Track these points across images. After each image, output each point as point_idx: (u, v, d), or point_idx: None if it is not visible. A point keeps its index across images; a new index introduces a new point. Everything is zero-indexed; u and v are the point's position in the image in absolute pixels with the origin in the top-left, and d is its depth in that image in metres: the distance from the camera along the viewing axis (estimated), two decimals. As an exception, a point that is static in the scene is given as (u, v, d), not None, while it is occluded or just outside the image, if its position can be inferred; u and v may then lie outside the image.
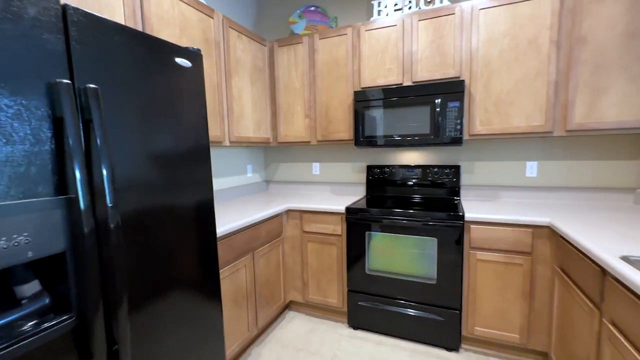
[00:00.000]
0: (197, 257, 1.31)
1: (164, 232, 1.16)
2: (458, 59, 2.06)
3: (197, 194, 1.29)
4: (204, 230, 1.34)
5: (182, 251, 1.24)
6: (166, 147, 1.15)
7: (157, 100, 1.11)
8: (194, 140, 1.26)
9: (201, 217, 1.32)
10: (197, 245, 1.31)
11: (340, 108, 2.43)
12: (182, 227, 1.23)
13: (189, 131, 1.24)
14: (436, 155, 2.51)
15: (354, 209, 2.15)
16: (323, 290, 2.34)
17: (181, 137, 1.21)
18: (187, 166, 1.24)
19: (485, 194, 2.37)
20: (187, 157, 1.24)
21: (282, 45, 2.58)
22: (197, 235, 1.31)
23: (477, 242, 1.86)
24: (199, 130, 1.29)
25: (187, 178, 1.24)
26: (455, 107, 2.02)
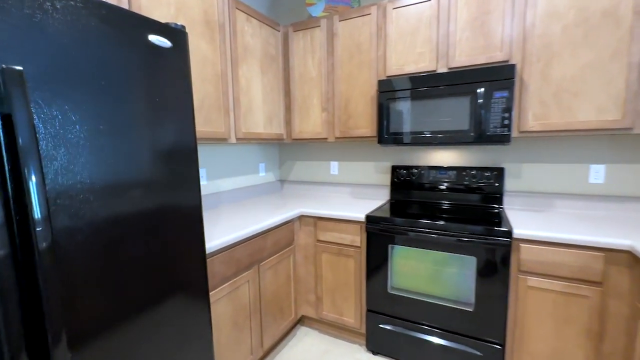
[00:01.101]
0: (176, 279, 1.07)
1: (133, 248, 0.93)
2: (508, 39, 1.68)
3: (179, 202, 1.05)
4: (188, 244, 1.10)
5: (157, 271, 1.01)
6: (136, 144, 0.91)
7: (121, 87, 0.87)
8: (172, 137, 1.02)
9: (184, 229, 1.08)
10: (178, 264, 1.07)
11: (362, 100, 2.12)
12: (157, 243, 1.00)
13: (166, 126, 0.99)
14: (474, 155, 2.14)
15: (376, 218, 1.85)
16: (338, 307, 2.07)
17: (155, 133, 0.96)
18: (165, 168, 1.00)
19: (535, 202, 1.98)
20: (165, 156, 1.00)
21: (297, 29, 2.29)
22: (179, 252, 1.07)
23: (528, 265, 1.51)
24: (181, 124, 1.04)
25: (166, 182, 1.00)
26: (503, 98, 1.65)
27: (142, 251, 0.94)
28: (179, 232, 1.06)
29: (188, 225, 1.09)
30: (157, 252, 0.99)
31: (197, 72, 1.65)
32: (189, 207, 1.08)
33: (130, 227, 0.91)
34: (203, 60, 1.68)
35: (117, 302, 0.88)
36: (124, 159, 0.88)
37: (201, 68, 1.67)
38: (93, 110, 0.81)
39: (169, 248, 1.03)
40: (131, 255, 0.92)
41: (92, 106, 0.81)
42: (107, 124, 0.84)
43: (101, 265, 0.84)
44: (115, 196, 0.87)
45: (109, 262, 0.86)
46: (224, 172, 2.31)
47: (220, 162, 2.27)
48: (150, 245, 0.97)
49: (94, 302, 0.83)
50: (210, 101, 1.74)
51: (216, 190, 2.23)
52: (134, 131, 0.90)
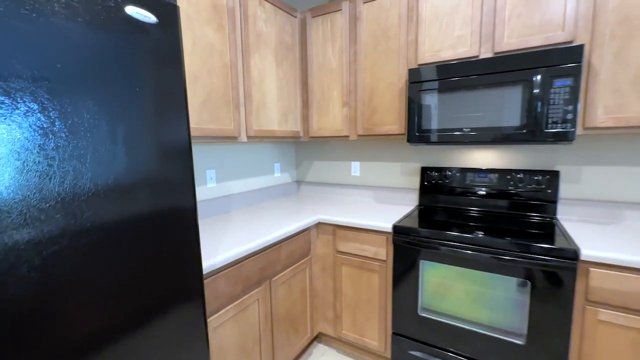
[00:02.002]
0: (161, 303, 0.88)
1: (111, 268, 0.74)
2: (572, 14, 1.37)
3: (164, 211, 0.85)
4: (178, 260, 0.91)
5: (142, 295, 0.81)
6: (106, 145, 0.72)
7: (88, 74, 0.68)
8: (157, 135, 0.82)
9: (172, 244, 0.88)
10: (167, 285, 0.88)
11: (389, 93, 1.87)
12: (135, 260, 0.80)
13: (148, 121, 0.79)
14: (520, 155, 1.83)
15: (405, 228, 1.60)
16: (360, 327, 1.84)
17: (133, 131, 0.76)
18: (147, 172, 0.80)
19: (598, 213, 1.66)
20: (147, 158, 0.80)
21: (316, 15, 2.06)
22: (165, 270, 0.87)
23: (599, 294, 1.21)
24: (170, 119, 0.84)
25: (147, 189, 0.80)
26: (566, 87, 1.35)
27: (115, 270, 0.75)
28: (165, 246, 0.86)
29: (177, 238, 0.89)
30: (137, 271, 0.80)
31: (203, 62, 1.46)
32: (178, 218, 0.88)
33: (100, 245, 0.72)
34: (210, 49, 1.49)
35: (80, 332, 0.70)
36: (91, 161, 0.69)
37: (207, 58, 1.48)
38: (54, 102, 0.62)
39: (151, 265, 0.84)
40: (100, 275, 0.73)
41: (53, 99, 0.62)
42: (64, 119, 0.65)
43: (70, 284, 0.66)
44: (78, 204, 0.68)
45: (74, 285, 0.68)
46: (236, 173, 2.12)
47: (232, 162, 2.08)
48: (126, 261, 0.77)
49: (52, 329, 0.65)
50: (217, 95, 1.54)
51: (227, 193, 2.05)
52: (103, 129, 0.70)
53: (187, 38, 1.38)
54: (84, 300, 0.69)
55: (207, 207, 1.88)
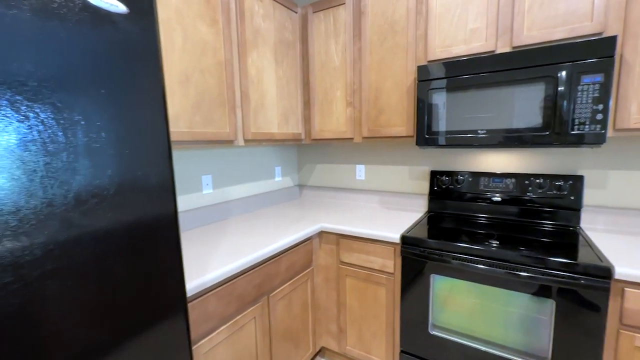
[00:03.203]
0: (140, 330, 0.77)
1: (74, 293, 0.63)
2: (601, 2, 1.23)
3: (139, 227, 0.74)
4: (157, 282, 0.79)
5: (112, 321, 0.70)
6: (69, 153, 0.61)
7: (44, 73, 0.57)
8: (128, 140, 0.70)
9: (149, 263, 0.77)
10: (141, 309, 0.77)
11: (396, 92, 1.74)
12: (108, 278, 0.69)
13: (116, 126, 0.68)
14: (540, 158, 1.69)
15: (414, 239, 1.47)
16: (366, 343, 1.71)
17: (99, 138, 0.65)
18: (113, 184, 0.69)
19: (628, 222, 1.51)
20: (114, 167, 0.68)
21: (317, 10, 1.94)
22: (141, 292, 0.76)
23: (636, 317, 1.07)
24: (143, 123, 0.73)
25: (117, 202, 0.69)
26: (596, 84, 1.21)
27: (76, 293, 0.64)
28: (139, 265, 0.75)
29: (153, 256, 0.77)
30: (103, 294, 0.69)
31: (195, 60, 1.35)
32: (153, 233, 0.76)
33: (59, 264, 0.61)
34: (202, 46, 1.38)
35: None
36: (43, 176, 0.58)
37: (199, 56, 1.37)
38: None
39: (121, 286, 0.72)
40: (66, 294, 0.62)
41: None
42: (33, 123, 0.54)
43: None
44: (37, 217, 0.57)
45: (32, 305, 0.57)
46: (234, 179, 2.01)
47: (229, 167, 1.97)
48: (90, 283, 0.66)
49: None
50: (211, 96, 1.43)
51: (224, 199, 1.94)
52: (59, 138, 0.59)
53: (177, 33, 1.27)
54: (38, 326, 0.58)
55: (202, 215, 1.77)
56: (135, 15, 0.70)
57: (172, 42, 1.25)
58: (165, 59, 1.23)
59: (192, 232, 1.64)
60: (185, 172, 1.70)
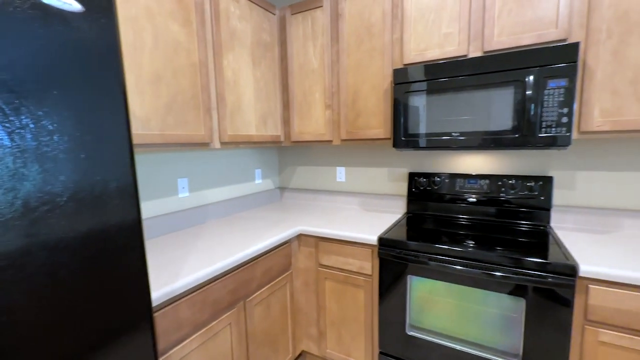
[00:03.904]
0: (101, 344, 0.73)
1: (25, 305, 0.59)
2: (565, 10, 1.28)
3: (96, 234, 0.71)
4: (118, 291, 0.76)
5: (69, 335, 0.67)
6: (16, 158, 0.57)
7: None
8: (84, 144, 0.67)
9: (109, 271, 0.74)
10: (101, 322, 0.73)
11: (373, 95, 1.75)
12: (64, 290, 0.66)
13: (70, 129, 0.65)
14: (512, 160, 1.74)
15: (391, 241, 1.48)
16: (345, 346, 1.71)
17: (51, 141, 0.62)
18: (67, 189, 0.65)
19: (594, 221, 1.57)
20: (69, 173, 0.65)
21: (295, 12, 1.93)
22: (101, 303, 0.73)
23: (600, 313, 1.12)
24: (101, 126, 0.70)
25: (74, 207, 0.66)
26: (561, 88, 1.26)
27: (33, 304, 0.61)
28: (97, 274, 0.72)
29: (113, 263, 0.74)
30: (59, 306, 0.66)
31: (167, 60, 1.31)
32: (113, 240, 0.73)
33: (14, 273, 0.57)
34: (175, 46, 1.34)
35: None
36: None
37: (171, 56, 1.33)
38: None
39: (79, 297, 0.69)
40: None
41: None
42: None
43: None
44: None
45: None
46: (212, 182, 1.97)
47: (207, 169, 1.93)
48: (47, 293, 0.63)
49: None
50: (184, 97, 1.40)
51: (201, 203, 1.90)
52: (4, 141, 0.56)
53: (147, 32, 1.23)
54: None
55: (178, 219, 1.73)
56: (92, 13, 0.67)
57: (142, 40, 1.22)
58: (134, 58, 1.19)
59: (166, 237, 1.59)
60: (159, 175, 1.66)
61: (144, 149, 1.26)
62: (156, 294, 1.00)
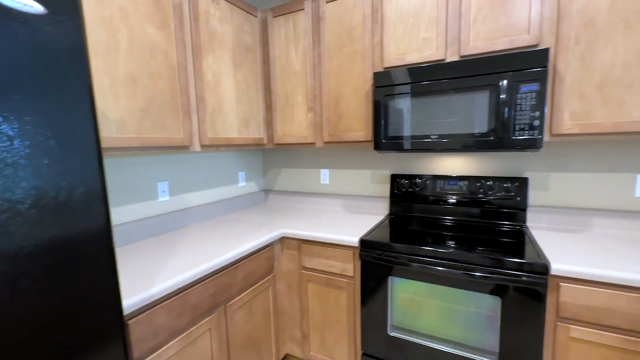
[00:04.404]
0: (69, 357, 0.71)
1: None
2: (537, 17, 1.33)
3: (64, 241, 0.69)
4: (86, 301, 0.74)
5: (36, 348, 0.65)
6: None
7: None
8: (49, 148, 0.66)
9: (77, 279, 0.72)
10: (68, 334, 0.71)
11: (355, 97, 1.77)
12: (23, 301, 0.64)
13: (33, 133, 0.63)
14: (490, 162, 1.78)
15: (372, 243, 1.50)
16: (329, 348, 1.71)
17: (12, 147, 0.60)
18: (30, 195, 0.64)
19: (567, 220, 1.62)
20: (35, 179, 0.64)
21: (277, 14, 1.93)
22: (70, 313, 0.71)
23: (570, 309, 1.15)
24: (65, 130, 0.68)
25: (38, 215, 0.64)
26: (532, 93, 1.30)
27: None
28: (64, 284, 0.70)
29: (81, 272, 0.73)
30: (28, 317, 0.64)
31: (143, 63, 1.29)
32: (81, 247, 0.72)
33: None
34: (151, 48, 1.32)
35: None
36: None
37: (148, 58, 1.31)
38: None
39: (47, 308, 0.67)
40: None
41: None
42: None
43: None
44: None
45: None
46: (193, 185, 1.95)
47: (188, 172, 1.91)
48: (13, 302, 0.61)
49: None
50: (162, 100, 1.38)
51: (182, 206, 1.87)
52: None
53: (121, 33, 1.21)
54: None
55: (158, 223, 1.69)
56: (55, 15, 0.65)
57: (117, 42, 1.20)
58: (108, 59, 1.17)
59: (145, 242, 1.56)
60: (138, 179, 1.62)
61: (120, 152, 1.23)
62: (130, 301, 0.98)
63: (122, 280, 1.13)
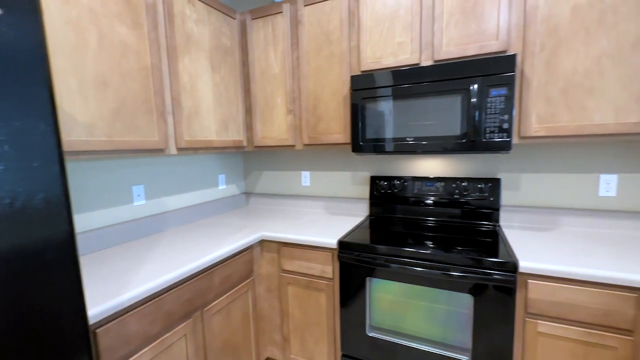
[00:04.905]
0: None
1: None
2: (505, 24, 1.38)
3: (22, 251, 0.67)
4: (47, 315, 0.72)
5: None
6: None
7: None
8: (2, 154, 0.63)
9: (36, 290, 0.70)
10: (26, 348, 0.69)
11: (333, 100, 1.78)
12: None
13: None
14: (465, 164, 1.83)
15: (350, 244, 1.51)
16: (309, 350, 1.71)
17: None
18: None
19: (537, 219, 1.69)
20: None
21: (256, 17, 1.93)
22: (30, 326, 0.69)
23: (538, 305, 1.20)
24: (23, 134, 0.66)
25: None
26: (501, 97, 1.34)
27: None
28: (24, 294, 0.68)
29: (40, 281, 0.70)
30: None
31: (114, 64, 1.26)
32: (39, 258, 0.69)
33: None
34: (122, 49, 1.30)
35: None
36: None
37: (119, 59, 1.28)
38: None
39: (7, 321, 0.65)
40: None
41: None
42: None
43: None
44: None
45: None
46: (171, 188, 1.91)
47: (165, 176, 1.87)
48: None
49: None
50: (135, 102, 1.35)
51: (159, 210, 1.84)
52: None
53: (90, 34, 1.18)
54: None
55: (133, 228, 1.65)
56: (12, 16, 0.63)
57: (85, 43, 1.16)
58: (76, 61, 1.13)
59: (119, 247, 1.52)
60: (112, 183, 1.58)
61: (90, 156, 1.20)
62: (99, 309, 0.95)
63: (93, 287, 1.09)
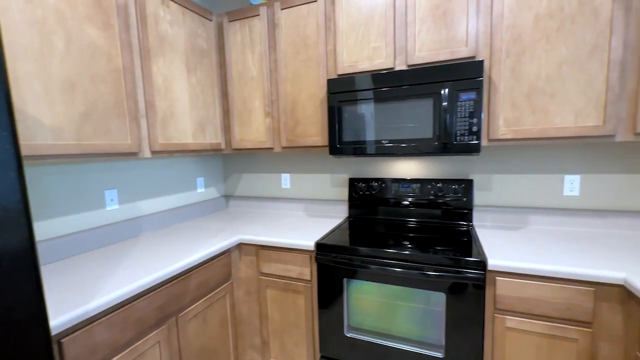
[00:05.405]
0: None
1: None
2: (473, 31, 1.43)
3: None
4: (5, 328, 0.70)
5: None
6: None
7: None
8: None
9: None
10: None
11: (311, 103, 1.79)
12: None
13: None
14: (440, 165, 1.88)
15: (327, 246, 1.52)
16: (288, 353, 1.71)
17: None
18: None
19: (508, 218, 1.75)
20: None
21: (233, 19, 1.92)
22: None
23: (506, 302, 1.25)
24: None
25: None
26: (470, 101, 1.39)
27: None
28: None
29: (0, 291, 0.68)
30: None
31: (83, 66, 1.23)
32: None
33: None
34: (92, 51, 1.27)
35: None
36: None
37: (89, 61, 1.25)
38: None
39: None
40: None
41: None
42: None
43: None
44: None
45: None
46: (146, 192, 1.87)
47: (139, 179, 1.83)
48: None
49: None
50: (105, 105, 1.32)
51: (134, 215, 1.80)
52: None
53: (57, 36, 1.15)
54: None
55: (106, 234, 1.61)
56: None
57: (51, 45, 1.13)
58: (42, 64, 1.10)
59: (91, 253, 1.48)
60: (83, 187, 1.54)
61: (57, 160, 1.16)
62: (64, 318, 0.93)
63: (60, 295, 1.06)
